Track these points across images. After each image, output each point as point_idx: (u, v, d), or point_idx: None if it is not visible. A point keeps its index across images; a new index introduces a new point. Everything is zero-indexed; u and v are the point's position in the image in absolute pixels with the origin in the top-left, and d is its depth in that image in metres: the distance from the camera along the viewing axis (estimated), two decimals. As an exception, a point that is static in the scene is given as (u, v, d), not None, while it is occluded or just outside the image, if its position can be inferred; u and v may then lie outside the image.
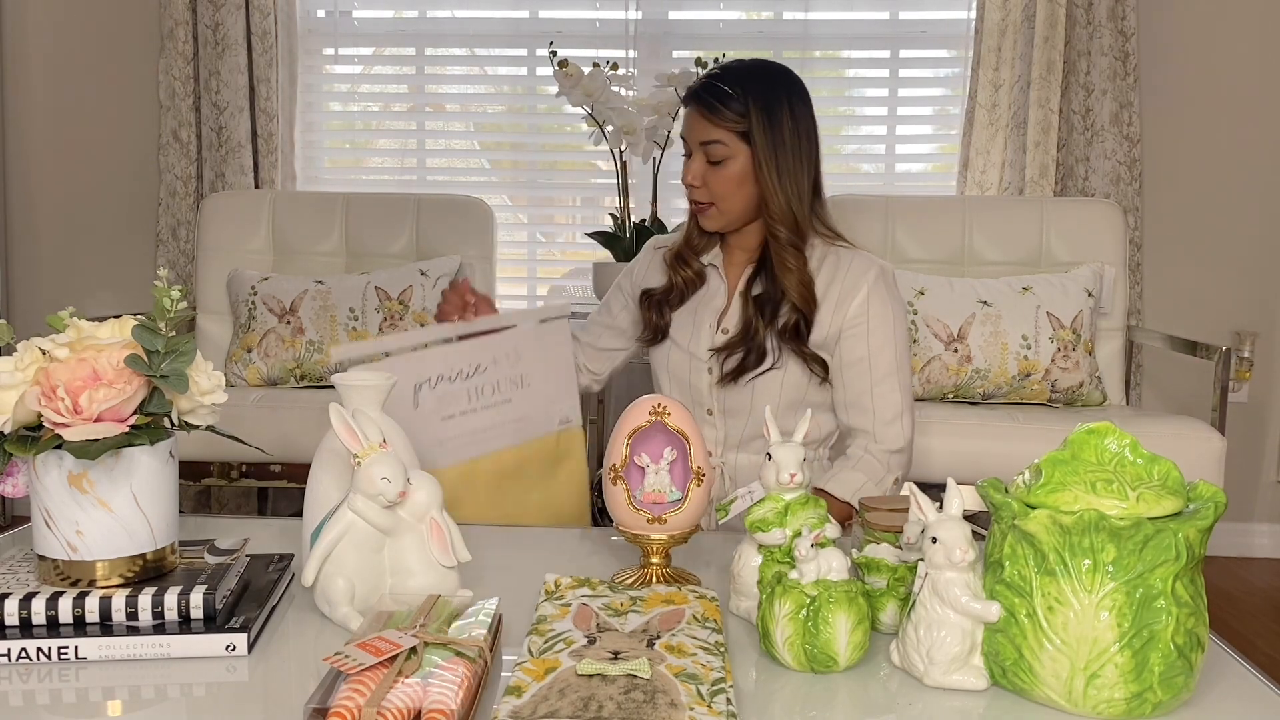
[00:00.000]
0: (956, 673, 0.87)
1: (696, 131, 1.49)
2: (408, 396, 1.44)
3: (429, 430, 1.44)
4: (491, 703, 0.80)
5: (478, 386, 1.49)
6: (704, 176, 1.48)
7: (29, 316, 3.06)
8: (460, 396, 1.47)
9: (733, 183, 1.48)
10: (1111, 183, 2.77)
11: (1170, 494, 0.84)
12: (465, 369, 1.48)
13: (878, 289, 1.50)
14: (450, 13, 3.03)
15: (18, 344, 0.97)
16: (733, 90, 1.46)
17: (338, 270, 2.68)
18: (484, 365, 1.50)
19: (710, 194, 1.49)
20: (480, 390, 1.49)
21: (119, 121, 3.05)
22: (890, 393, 1.49)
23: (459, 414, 1.47)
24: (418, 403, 1.45)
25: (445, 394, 1.46)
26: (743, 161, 1.47)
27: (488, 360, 1.50)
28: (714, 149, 1.47)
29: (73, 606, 0.91)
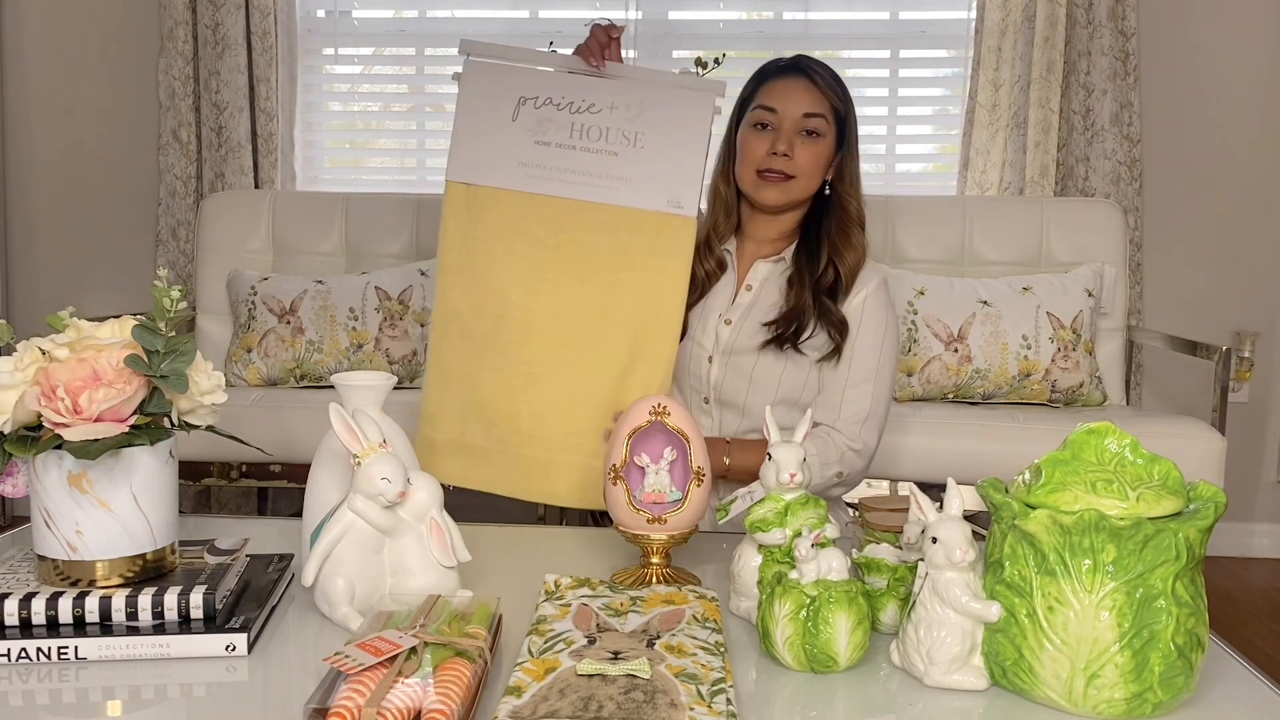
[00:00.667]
0: (956, 673, 0.87)
1: (801, 102, 1.49)
2: (509, 106, 1.37)
3: (516, 147, 1.36)
4: (491, 703, 0.80)
5: (585, 125, 1.38)
6: (796, 148, 1.48)
7: (29, 316, 3.06)
8: (563, 126, 1.37)
9: (821, 159, 1.50)
10: (1111, 183, 2.77)
11: (1170, 494, 0.84)
12: (578, 101, 1.38)
13: (877, 296, 1.52)
14: (450, 13, 3.03)
15: (18, 344, 0.97)
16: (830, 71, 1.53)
17: (338, 270, 2.68)
18: (599, 106, 1.38)
19: (796, 167, 1.49)
20: (587, 130, 1.38)
21: (119, 121, 3.05)
22: (862, 397, 1.48)
23: (555, 144, 1.37)
24: (516, 115, 1.37)
25: (547, 118, 1.37)
26: (830, 143, 1.51)
27: (605, 102, 1.39)
28: (816, 121, 1.49)
29: (73, 606, 0.91)
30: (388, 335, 2.47)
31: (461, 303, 1.40)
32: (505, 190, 1.38)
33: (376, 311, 2.49)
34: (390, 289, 2.51)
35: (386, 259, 2.70)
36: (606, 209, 1.38)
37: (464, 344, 1.40)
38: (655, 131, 1.39)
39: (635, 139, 1.39)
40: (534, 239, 1.38)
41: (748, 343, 1.51)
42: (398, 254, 2.70)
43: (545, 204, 1.38)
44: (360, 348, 2.47)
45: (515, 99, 1.38)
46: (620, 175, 1.38)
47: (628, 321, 1.40)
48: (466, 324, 1.40)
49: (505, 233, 1.38)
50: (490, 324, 1.39)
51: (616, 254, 1.38)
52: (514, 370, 1.38)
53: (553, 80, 1.40)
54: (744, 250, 1.58)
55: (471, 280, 1.40)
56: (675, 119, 1.41)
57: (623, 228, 1.39)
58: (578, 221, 1.38)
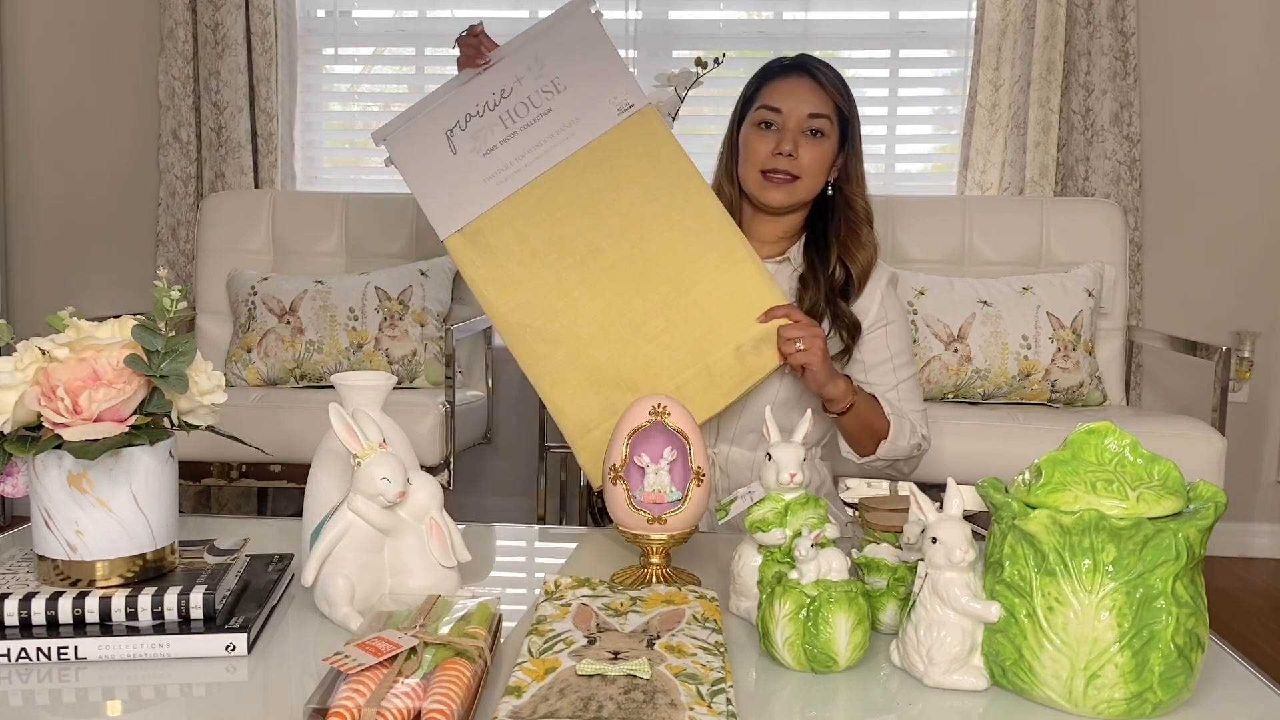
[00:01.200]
0: (956, 673, 0.87)
1: (805, 102, 1.49)
2: (442, 147, 1.40)
3: (472, 170, 1.39)
4: (491, 703, 0.80)
5: (510, 110, 1.41)
6: (800, 148, 1.48)
7: (29, 316, 3.06)
8: (494, 126, 1.40)
9: (825, 159, 1.51)
10: (1111, 183, 2.77)
11: (1170, 494, 0.84)
12: (490, 98, 1.41)
13: (890, 294, 1.54)
14: (450, 13, 3.03)
15: (18, 344, 0.97)
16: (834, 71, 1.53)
17: (337, 270, 2.68)
18: (508, 88, 1.41)
19: (800, 167, 1.49)
20: (514, 112, 1.41)
21: (119, 121, 3.05)
22: (913, 389, 1.54)
23: (499, 143, 1.40)
24: (453, 148, 1.40)
25: (478, 129, 1.40)
26: (833, 143, 1.51)
27: (510, 81, 1.41)
28: (820, 122, 1.49)
29: (72, 607, 0.91)
30: (388, 335, 2.47)
31: (528, 318, 1.41)
32: (491, 209, 1.41)
33: (376, 311, 2.49)
34: (390, 289, 2.51)
35: (386, 259, 2.70)
36: (578, 155, 1.41)
37: (555, 349, 1.40)
38: (564, 68, 1.42)
39: (556, 86, 1.41)
40: (543, 224, 1.40)
41: None
42: (398, 254, 2.71)
43: (529, 192, 1.40)
44: (360, 348, 2.47)
45: (442, 137, 1.41)
46: (567, 122, 1.41)
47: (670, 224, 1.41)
48: (544, 330, 1.40)
49: (517, 240, 1.40)
50: (564, 316, 1.40)
51: (613, 181, 1.40)
52: (613, 328, 1.38)
53: (459, 100, 1.43)
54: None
55: (521, 298, 1.41)
56: (570, 45, 1.43)
57: (603, 158, 1.41)
58: (565, 184, 1.40)
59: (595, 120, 1.41)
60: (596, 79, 1.42)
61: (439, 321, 2.54)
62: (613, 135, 1.41)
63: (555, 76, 1.42)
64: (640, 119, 1.42)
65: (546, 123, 1.41)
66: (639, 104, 1.42)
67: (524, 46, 1.44)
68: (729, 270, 1.39)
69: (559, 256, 1.40)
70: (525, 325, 1.40)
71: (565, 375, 1.39)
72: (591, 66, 1.42)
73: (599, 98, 1.41)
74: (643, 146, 1.41)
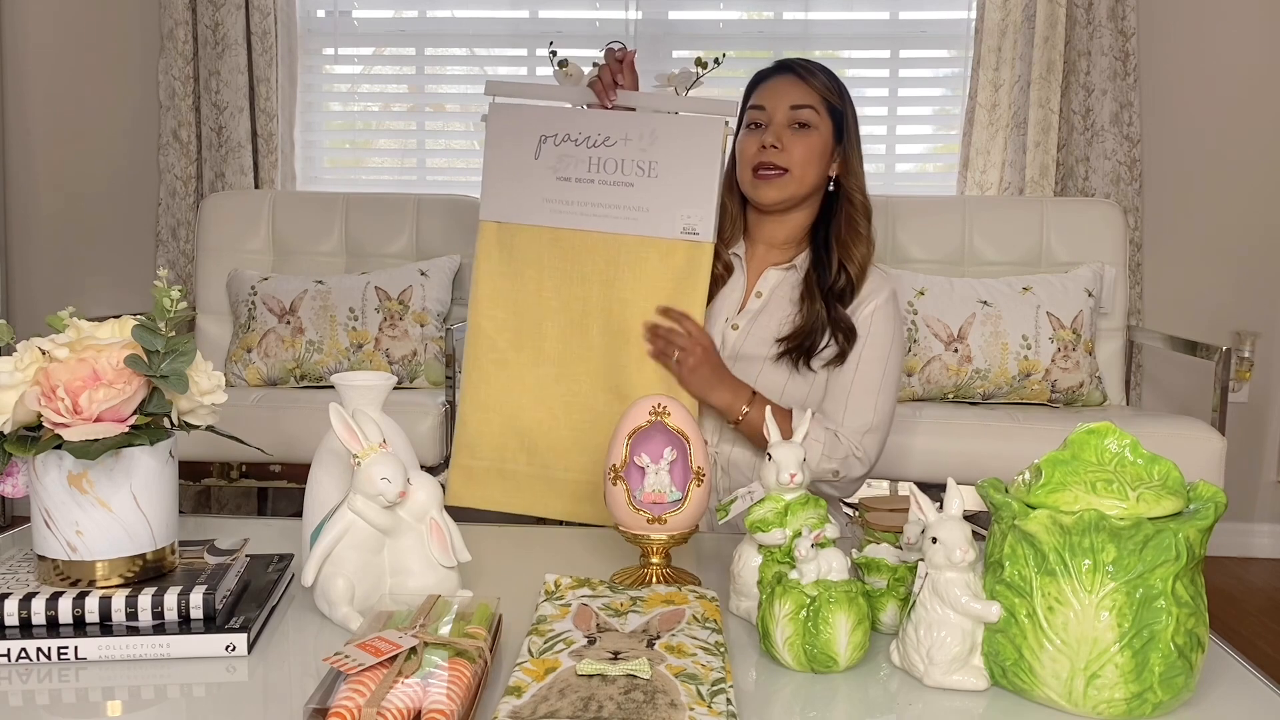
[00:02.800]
0: (956, 673, 0.87)
1: (788, 96, 1.50)
2: (531, 145, 1.43)
3: (540, 184, 1.43)
4: (491, 703, 0.80)
5: (602, 159, 1.43)
6: (786, 141, 1.48)
7: (29, 316, 3.06)
8: (581, 161, 1.43)
9: (814, 151, 1.50)
10: (1111, 183, 2.77)
11: (1170, 494, 0.84)
12: (594, 136, 1.43)
13: (885, 309, 1.51)
14: (450, 13, 3.03)
15: (18, 344, 0.97)
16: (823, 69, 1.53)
17: (338, 270, 2.68)
18: (613, 139, 1.43)
19: (789, 159, 1.48)
20: (604, 163, 1.43)
21: (119, 121, 3.05)
22: (865, 409, 1.48)
23: (575, 179, 1.43)
24: (538, 153, 1.43)
25: (567, 154, 1.43)
26: (826, 135, 1.50)
27: (619, 135, 1.43)
28: (805, 113, 1.49)
29: (72, 607, 0.91)
30: (388, 335, 2.47)
31: (497, 335, 1.45)
32: (533, 226, 1.44)
33: (376, 311, 2.49)
34: (390, 289, 2.51)
35: (386, 259, 2.70)
36: (626, 240, 1.43)
37: (501, 374, 1.45)
38: (667, 159, 1.42)
39: (649, 168, 1.42)
40: (562, 272, 1.44)
41: (754, 349, 1.51)
42: (398, 254, 2.70)
43: (569, 238, 1.43)
44: (360, 348, 2.47)
45: (536, 137, 1.44)
46: (637, 205, 1.42)
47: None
48: (503, 355, 1.45)
49: (535, 267, 1.44)
50: (528, 354, 1.44)
51: (639, 283, 1.43)
52: (554, 398, 1.44)
53: (570, 117, 1.45)
54: (754, 254, 1.58)
55: (506, 313, 1.45)
56: (686, 145, 1.43)
57: (642, 257, 1.43)
58: (600, 253, 1.43)
59: (660, 222, 1.42)
60: (685, 188, 1.42)
61: (439, 321, 2.54)
62: (663, 245, 1.42)
63: (655, 160, 1.42)
64: (695, 249, 1.42)
65: (622, 193, 1.43)
66: (704, 236, 1.42)
67: (650, 116, 1.44)
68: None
69: (554, 308, 1.44)
70: (490, 338, 1.45)
71: (489, 400, 1.44)
72: (689, 175, 1.43)
73: (675, 206, 1.42)
74: (680, 272, 1.42)
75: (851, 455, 1.46)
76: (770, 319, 1.52)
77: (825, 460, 1.45)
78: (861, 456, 1.47)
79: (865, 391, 1.48)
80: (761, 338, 1.51)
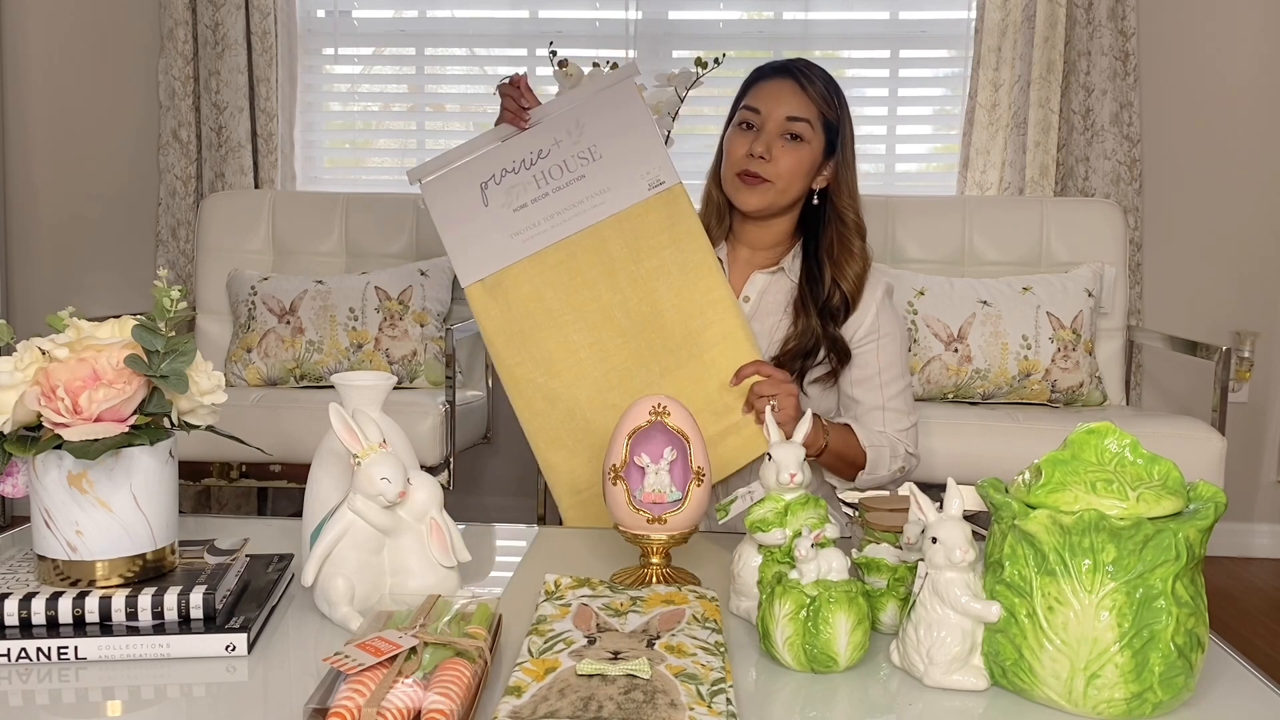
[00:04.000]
0: (956, 673, 0.87)
1: (785, 104, 1.47)
2: (475, 197, 1.44)
3: (501, 225, 1.44)
4: (491, 703, 0.80)
5: (544, 170, 1.45)
6: (776, 151, 1.47)
7: (29, 316, 3.06)
8: (528, 184, 1.45)
9: (803, 165, 1.48)
10: (1111, 183, 2.77)
11: (1170, 494, 0.84)
12: (527, 157, 1.46)
13: (885, 306, 1.52)
14: (450, 13, 3.03)
15: (18, 344, 0.97)
16: (820, 78, 1.50)
17: (338, 270, 2.68)
18: (545, 149, 1.46)
19: (775, 171, 1.47)
20: (548, 174, 1.45)
21: (119, 121, 3.05)
22: (902, 404, 1.52)
23: (530, 202, 1.45)
24: (486, 200, 1.44)
25: (512, 186, 1.45)
26: (816, 150, 1.49)
27: (549, 143, 1.46)
28: (799, 125, 1.47)
29: (72, 607, 0.91)
30: (388, 335, 2.47)
31: (533, 372, 1.44)
32: (514, 265, 1.45)
33: (376, 311, 2.49)
34: (390, 289, 2.51)
35: (386, 259, 2.70)
36: (605, 224, 1.45)
37: (555, 407, 1.43)
38: (604, 138, 1.47)
39: (592, 154, 1.46)
40: (561, 286, 1.44)
41: None
42: (398, 254, 2.70)
43: (552, 253, 1.44)
44: (360, 348, 2.47)
45: (477, 188, 1.45)
46: (598, 190, 1.45)
47: (679, 301, 1.44)
48: (546, 387, 1.44)
49: (534, 298, 1.44)
50: (569, 373, 1.43)
51: (635, 253, 1.44)
52: (611, 398, 1.42)
53: (497, 154, 1.47)
54: (737, 257, 1.57)
55: (528, 353, 1.44)
56: (612, 116, 1.47)
57: (627, 229, 1.44)
58: (588, 248, 1.44)
59: (626, 192, 1.45)
60: (632, 151, 1.46)
61: (439, 321, 2.54)
62: (640, 208, 1.45)
63: (593, 144, 1.46)
64: (669, 196, 1.45)
65: (579, 188, 1.45)
66: (669, 181, 1.46)
67: (567, 111, 1.48)
68: (727, 350, 1.43)
69: (572, 319, 1.43)
70: (529, 379, 1.44)
71: (559, 434, 1.43)
72: (628, 139, 1.46)
73: (632, 170, 1.46)
74: (666, 223, 1.45)
75: (907, 453, 1.51)
76: (762, 324, 1.52)
77: (893, 461, 1.49)
78: (915, 451, 1.52)
79: (896, 393, 1.51)
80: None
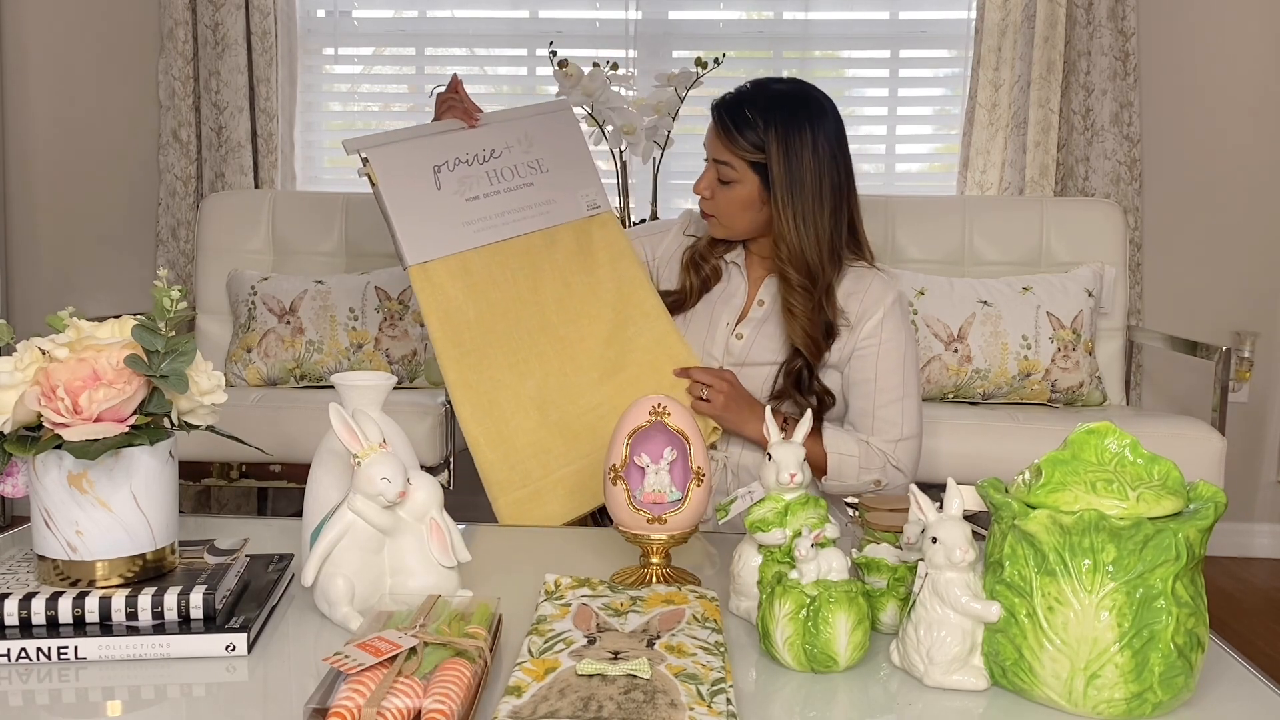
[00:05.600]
0: (956, 673, 0.87)
1: (711, 146, 1.51)
2: (428, 177, 1.47)
3: (453, 210, 1.46)
4: (491, 703, 0.80)
5: (497, 169, 1.51)
6: (714, 190, 1.51)
7: (29, 316, 3.06)
8: (481, 178, 1.49)
9: (737, 205, 1.50)
10: (1111, 183, 2.77)
11: (1170, 494, 0.84)
12: (481, 153, 1.50)
13: (893, 314, 1.50)
14: (450, 13, 3.03)
15: (18, 344, 0.97)
16: (754, 118, 1.44)
17: (338, 270, 2.68)
18: (499, 150, 1.51)
19: (715, 208, 1.51)
20: (500, 173, 1.51)
21: (119, 121, 3.05)
22: (893, 421, 1.49)
23: (483, 195, 1.49)
24: (438, 184, 1.47)
25: (465, 176, 1.48)
26: (750, 189, 1.48)
27: (501, 145, 1.52)
28: (724, 170, 1.48)
29: (72, 606, 0.91)
30: (388, 335, 2.47)
31: (472, 369, 1.44)
32: (464, 252, 1.47)
33: (376, 311, 2.49)
34: (390, 289, 2.51)
35: (386, 259, 2.69)
36: (552, 230, 1.53)
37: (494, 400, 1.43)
38: (549, 154, 1.56)
39: (539, 166, 1.54)
40: (508, 282, 1.47)
41: (760, 356, 1.51)
42: (398, 254, 2.70)
43: (499, 249, 1.48)
44: (360, 348, 2.47)
45: (429, 169, 1.47)
46: (543, 200, 1.53)
47: (614, 313, 1.51)
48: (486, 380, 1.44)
49: (479, 289, 1.46)
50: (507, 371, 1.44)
51: (572, 265, 1.52)
52: (547, 401, 1.45)
53: (450, 142, 1.50)
54: (752, 262, 1.58)
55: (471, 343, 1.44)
56: (557, 138, 1.58)
57: (565, 242, 1.53)
58: (530, 253, 1.50)
59: (567, 208, 1.55)
60: (573, 173, 1.57)
61: (439, 321, 2.53)
62: (581, 224, 1.55)
63: (540, 158, 1.55)
64: (604, 219, 1.57)
65: (527, 193, 1.53)
66: (603, 208, 1.58)
67: (514, 121, 1.56)
68: (661, 355, 1.49)
69: (515, 315, 1.46)
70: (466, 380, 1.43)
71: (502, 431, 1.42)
72: (570, 161, 1.58)
73: (573, 190, 1.56)
74: (603, 241, 1.55)
75: (889, 465, 1.48)
76: (776, 326, 1.52)
77: (864, 473, 1.47)
78: (900, 466, 1.48)
79: (889, 403, 1.49)
80: (767, 345, 1.51)
